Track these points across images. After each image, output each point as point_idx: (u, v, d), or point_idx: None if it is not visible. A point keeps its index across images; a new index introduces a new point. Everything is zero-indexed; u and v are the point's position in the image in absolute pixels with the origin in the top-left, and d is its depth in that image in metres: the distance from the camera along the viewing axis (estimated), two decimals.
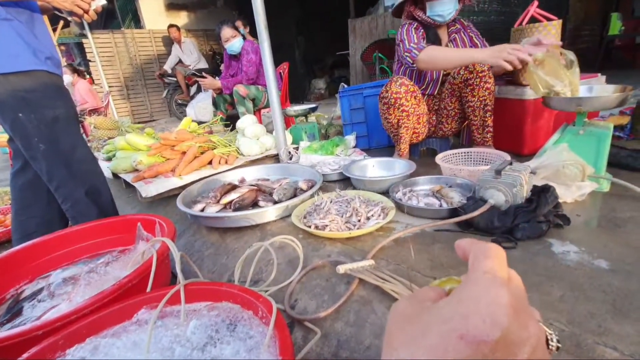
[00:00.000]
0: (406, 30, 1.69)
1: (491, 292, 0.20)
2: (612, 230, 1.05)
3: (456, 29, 1.75)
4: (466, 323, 0.19)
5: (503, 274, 0.22)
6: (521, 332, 0.19)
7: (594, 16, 6.06)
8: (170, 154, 1.87)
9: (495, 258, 0.23)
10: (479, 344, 0.18)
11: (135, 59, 5.76)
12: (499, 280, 0.21)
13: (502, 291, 0.20)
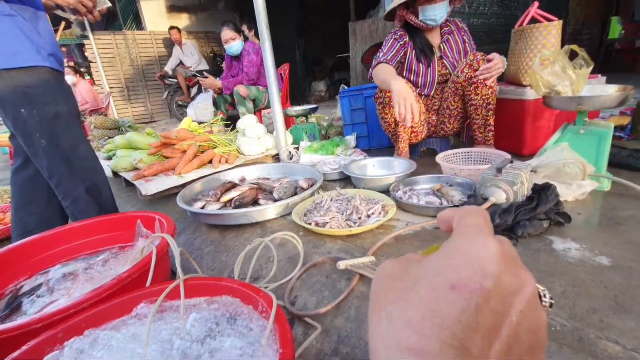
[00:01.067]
0: (389, 42, 1.76)
1: (479, 242, 0.20)
2: (613, 228, 1.04)
3: (449, 30, 1.75)
4: (457, 274, 0.18)
5: (489, 228, 0.22)
6: (514, 280, 0.19)
7: (593, 19, 6.09)
8: (171, 152, 1.87)
9: (479, 215, 0.22)
10: (472, 293, 0.17)
11: (136, 60, 5.78)
12: (486, 231, 0.21)
13: (490, 241, 0.20)
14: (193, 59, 5.15)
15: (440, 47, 1.76)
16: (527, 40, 1.62)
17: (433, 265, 0.20)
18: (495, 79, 1.60)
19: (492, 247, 0.19)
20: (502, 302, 0.18)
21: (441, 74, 1.77)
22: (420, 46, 1.74)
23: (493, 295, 0.17)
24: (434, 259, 0.20)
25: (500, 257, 0.19)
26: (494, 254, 0.19)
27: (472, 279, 0.18)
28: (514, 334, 0.17)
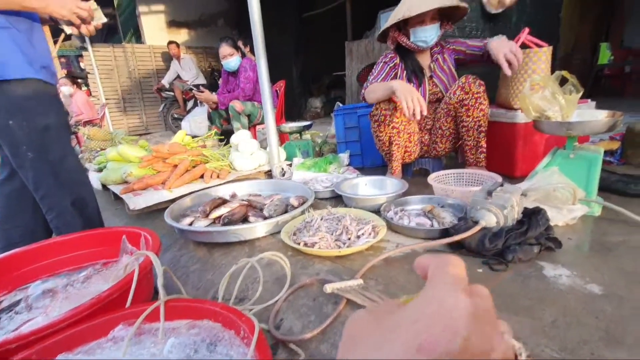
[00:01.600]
0: (380, 65, 1.80)
1: (451, 299, 0.19)
2: (604, 254, 1.03)
3: (438, 50, 1.79)
4: (425, 332, 0.17)
5: (464, 282, 0.21)
6: (483, 343, 0.18)
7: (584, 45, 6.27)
8: (162, 166, 1.85)
9: (455, 266, 0.22)
10: (439, 355, 0.17)
11: (134, 73, 5.82)
12: (460, 285, 0.20)
13: (463, 297, 0.19)
14: (191, 73, 5.20)
15: (431, 67, 1.79)
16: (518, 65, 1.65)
17: (403, 321, 0.19)
18: (488, 101, 1.62)
19: (464, 305, 0.18)
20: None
21: (432, 93, 1.80)
22: (412, 67, 1.77)
23: (460, 357, 0.17)
24: (403, 315, 0.19)
25: (471, 317, 0.18)
26: (465, 313, 0.18)
27: (440, 340, 0.17)
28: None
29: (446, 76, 1.78)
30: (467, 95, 1.60)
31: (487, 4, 2.93)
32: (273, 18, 5.86)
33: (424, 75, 1.78)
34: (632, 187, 1.40)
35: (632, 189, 1.40)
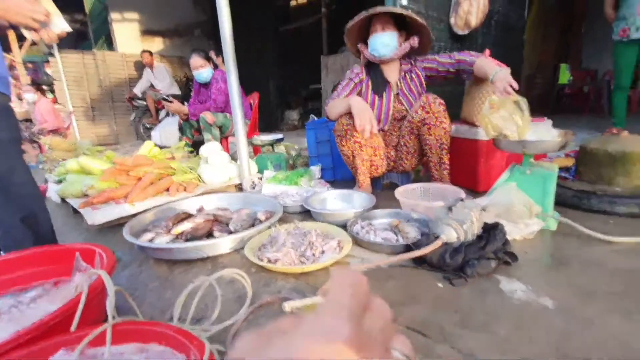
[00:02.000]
0: (344, 82, 1.85)
1: (330, 327, 0.18)
2: (557, 269, 1.07)
3: (408, 68, 1.82)
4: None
5: (357, 302, 0.20)
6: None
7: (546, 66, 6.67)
8: (126, 179, 1.78)
9: (350, 287, 0.21)
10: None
11: (104, 81, 5.65)
12: (345, 313, 0.19)
13: (343, 329, 0.18)
14: (164, 83, 5.10)
15: (398, 84, 1.83)
16: (479, 84, 1.72)
17: (281, 344, 0.18)
18: (449, 120, 1.66)
19: (340, 336, 0.18)
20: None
21: (397, 110, 1.84)
22: (375, 80, 1.80)
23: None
24: (284, 338, 0.18)
25: (347, 344, 0.18)
26: (340, 340, 0.18)
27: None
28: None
29: (413, 95, 1.82)
30: (428, 114, 1.64)
31: (455, 25, 3.07)
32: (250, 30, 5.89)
33: (391, 90, 1.82)
34: (585, 202, 1.48)
35: (585, 204, 1.47)
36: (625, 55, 2.94)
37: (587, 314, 0.86)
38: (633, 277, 1.00)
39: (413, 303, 0.94)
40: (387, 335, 0.20)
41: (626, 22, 2.86)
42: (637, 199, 1.39)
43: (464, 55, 1.70)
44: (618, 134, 1.56)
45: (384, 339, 0.20)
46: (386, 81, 1.81)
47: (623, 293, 0.93)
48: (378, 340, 0.20)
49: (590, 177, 1.60)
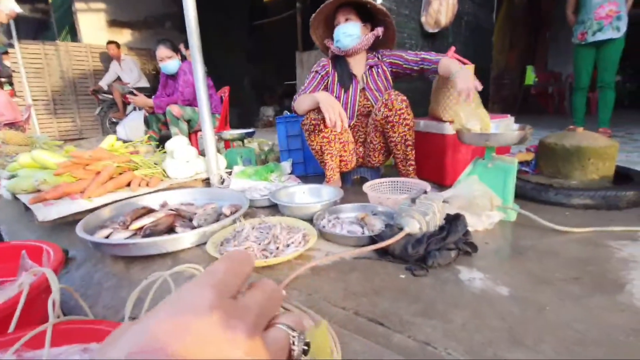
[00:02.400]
0: (311, 76, 1.84)
1: (189, 298, 0.17)
2: (515, 258, 1.10)
3: (374, 62, 1.83)
4: (145, 335, 0.15)
5: (225, 277, 0.19)
6: (221, 338, 0.16)
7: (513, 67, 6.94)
8: (83, 173, 1.68)
9: (227, 261, 0.21)
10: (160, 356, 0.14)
11: (67, 73, 5.34)
12: (210, 282, 0.18)
13: (204, 295, 0.17)
14: (132, 76, 4.89)
15: (363, 78, 1.82)
16: (445, 80, 1.75)
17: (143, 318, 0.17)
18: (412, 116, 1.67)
19: (202, 300, 0.17)
20: None
21: (363, 105, 1.84)
22: (341, 73, 1.80)
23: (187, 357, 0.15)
24: (136, 325, 0.17)
25: (208, 310, 0.17)
26: (201, 310, 0.16)
27: (155, 344, 0.15)
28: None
29: (379, 90, 1.82)
30: (391, 112, 1.64)
31: (425, 23, 3.12)
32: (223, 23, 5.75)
33: (357, 83, 1.82)
34: (544, 195, 1.53)
35: (543, 196, 1.53)
36: (583, 58, 3.09)
37: (541, 300, 0.88)
38: (585, 264, 1.04)
39: (374, 294, 0.93)
40: (268, 310, 0.20)
41: (584, 26, 3.01)
42: (591, 192, 1.46)
43: (430, 55, 1.72)
44: (574, 129, 1.63)
45: (263, 312, 0.19)
46: (352, 74, 1.80)
47: (575, 280, 0.96)
48: (253, 311, 0.18)
49: (548, 171, 1.67)
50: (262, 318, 0.19)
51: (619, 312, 0.83)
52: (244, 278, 0.20)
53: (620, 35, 2.87)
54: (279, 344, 0.19)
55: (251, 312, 0.18)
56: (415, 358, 0.71)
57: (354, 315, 0.85)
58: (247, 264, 0.21)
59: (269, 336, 0.19)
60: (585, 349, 0.72)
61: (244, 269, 0.21)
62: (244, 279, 0.20)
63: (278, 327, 0.20)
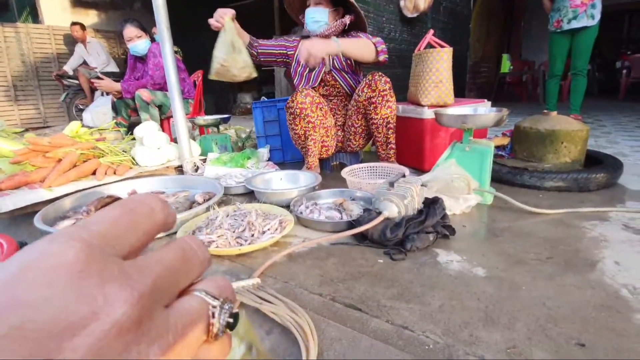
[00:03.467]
0: (282, 41, 1.85)
1: (45, 248, 0.12)
2: (491, 240, 1.11)
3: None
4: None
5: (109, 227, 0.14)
6: (79, 308, 0.11)
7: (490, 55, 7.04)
8: (42, 161, 1.57)
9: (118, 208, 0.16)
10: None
11: (29, 57, 4.99)
12: (72, 236, 0.13)
13: (67, 247, 0.12)
14: (100, 60, 4.62)
15: (329, 60, 1.79)
16: (424, 64, 1.73)
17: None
18: (394, 98, 1.65)
19: (57, 254, 0.12)
20: (30, 354, 0.10)
21: (331, 86, 1.82)
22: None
23: (7, 342, 0.10)
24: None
25: (66, 270, 0.12)
26: (53, 265, 0.12)
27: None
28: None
29: (347, 72, 1.80)
30: (374, 93, 1.62)
31: (404, 8, 3.08)
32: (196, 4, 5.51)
33: (323, 65, 1.78)
34: (519, 178, 1.55)
35: (518, 180, 1.55)
36: (558, 45, 3.15)
37: (515, 280, 0.88)
38: (557, 245, 1.06)
39: (351, 280, 0.91)
40: (180, 274, 0.15)
41: (560, 14, 3.06)
42: (563, 174, 1.49)
43: (371, 38, 1.71)
44: (548, 113, 1.65)
45: (170, 275, 0.15)
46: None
47: (548, 260, 0.98)
48: (153, 274, 0.14)
49: (523, 155, 1.69)
50: (166, 285, 0.14)
51: (590, 289, 0.84)
52: (145, 233, 0.15)
53: (595, 23, 2.94)
54: (192, 316, 0.14)
55: (147, 276, 0.14)
56: (393, 342, 0.69)
57: (331, 301, 0.83)
58: (154, 212, 0.16)
59: (176, 307, 0.14)
60: (557, 325, 0.72)
61: (147, 220, 0.15)
62: (145, 235, 0.15)
63: (194, 294, 0.15)
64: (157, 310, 0.13)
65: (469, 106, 1.71)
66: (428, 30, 1.85)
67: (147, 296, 0.13)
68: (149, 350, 0.12)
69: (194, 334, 0.14)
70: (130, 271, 0.13)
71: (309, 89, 1.63)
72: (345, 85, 1.79)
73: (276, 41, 1.84)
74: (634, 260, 0.96)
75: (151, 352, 0.12)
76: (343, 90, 1.82)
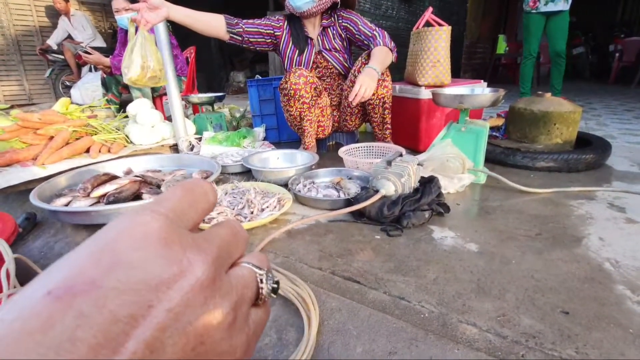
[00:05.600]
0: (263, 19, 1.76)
1: (127, 221, 0.15)
2: (483, 217, 1.14)
3: (329, 23, 1.74)
4: (69, 271, 0.13)
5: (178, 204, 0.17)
6: (166, 269, 0.14)
7: (486, 37, 6.98)
8: (33, 138, 1.54)
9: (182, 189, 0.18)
10: (74, 296, 0.12)
11: (9, 30, 4.77)
12: (157, 209, 0.16)
13: (147, 216, 0.15)
14: (85, 34, 4.44)
15: (318, 40, 1.76)
16: (422, 42, 1.72)
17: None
18: (390, 78, 1.65)
19: (145, 224, 0.14)
20: (134, 302, 0.12)
21: (324, 67, 1.79)
22: (296, 35, 1.73)
23: (115, 293, 0.12)
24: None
25: (154, 237, 0.14)
26: (144, 233, 0.14)
27: (82, 277, 0.12)
28: (153, 341, 0.12)
29: (338, 52, 1.76)
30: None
31: None
32: None
33: (313, 46, 1.75)
34: (511, 158, 1.59)
35: (511, 160, 1.58)
36: (535, 24, 3.14)
37: (506, 254, 0.92)
38: (546, 222, 1.10)
39: (349, 255, 0.94)
40: (232, 247, 0.18)
41: None
42: (554, 155, 1.52)
43: (381, 36, 1.65)
44: (543, 95, 1.67)
45: (226, 248, 0.17)
46: (307, 37, 1.74)
47: (537, 236, 1.02)
48: (215, 245, 0.16)
49: (516, 136, 1.72)
50: (225, 254, 0.17)
51: (576, 262, 0.89)
52: (202, 211, 0.18)
53: (568, 8, 2.96)
54: (245, 280, 0.17)
55: (213, 245, 0.16)
56: (390, 311, 0.73)
57: (330, 274, 0.86)
58: (207, 194, 0.18)
59: (232, 274, 0.17)
60: (543, 295, 0.76)
61: (203, 199, 0.18)
62: (202, 212, 0.18)
63: (242, 265, 0.18)
64: (222, 274, 0.16)
65: (466, 87, 1.72)
66: (425, 7, 1.82)
67: (215, 260, 0.15)
68: (222, 303, 0.15)
69: (248, 295, 0.17)
70: (200, 241, 0.15)
71: (302, 69, 1.61)
72: (338, 64, 1.77)
73: (261, 20, 1.75)
74: (617, 236, 1.01)
75: (223, 305, 0.15)
76: (336, 70, 1.80)
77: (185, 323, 0.13)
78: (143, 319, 0.12)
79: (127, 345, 0.12)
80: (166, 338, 0.12)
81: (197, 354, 0.13)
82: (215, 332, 0.14)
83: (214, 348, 0.14)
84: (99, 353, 0.11)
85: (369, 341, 0.68)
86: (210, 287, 0.14)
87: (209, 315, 0.14)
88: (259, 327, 0.18)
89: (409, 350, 0.66)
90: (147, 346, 0.12)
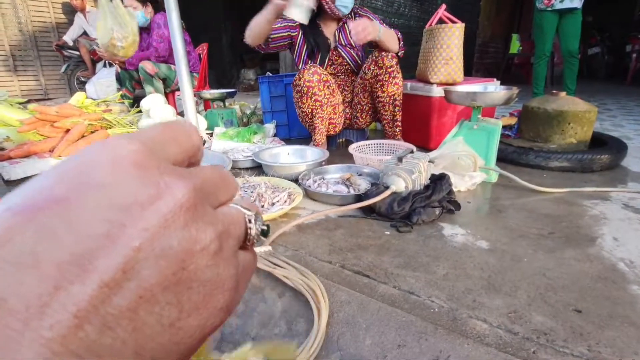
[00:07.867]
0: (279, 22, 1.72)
1: (106, 144, 0.13)
2: (495, 215, 1.14)
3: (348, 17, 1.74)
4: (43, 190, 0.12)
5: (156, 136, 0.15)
6: (143, 190, 0.13)
7: (499, 35, 6.88)
8: (50, 131, 1.58)
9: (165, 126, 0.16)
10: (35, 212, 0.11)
11: (26, 26, 4.87)
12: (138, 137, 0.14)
13: (126, 140, 0.14)
14: None
15: (335, 35, 1.75)
16: (434, 40, 1.71)
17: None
18: (401, 75, 1.64)
19: (119, 147, 0.13)
20: (106, 220, 0.12)
21: (339, 64, 1.78)
22: (313, 42, 1.72)
23: (84, 211, 0.11)
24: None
25: (129, 160, 0.13)
26: (118, 156, 0.13)
27: (48, 194, 0.11)
28: (127, 261, 0.11)
29: (353, 48, 1.76)
30: (381, 70, 1.60)
31: None
32: None
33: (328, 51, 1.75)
34: (524, 158, 1.57)
35: (523, 159, 1.57)
36: (549, 23, 3.07)
37: (517, 252, 0.92)
38: (559, 221, 1.09)
39: (359, 249, 0.94)
40: (218, 188, 0.16)
41: None
42: (568, 155, 1.50)
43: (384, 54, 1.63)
44: (557, 94, 1.64)
45: (212, 184, 0.16)
46: (325, 37, 1.74)
47: (549, 234, 1.01)
48: (199, 178, 0.15)
49: (529, 135, 1.70)
50: (211, 189, 0.15)
51: (588, 262, 0.88)
52: (185, 149, 0.16)
53: (580, 5, 2.90)
54: (233, 217, 0.16)
55: (196, 177, 0.15)
56: (400, 305, 0.73)
57: (340, 268, 0.87)
58: (190, 134, 0.17)
59: (219, 210, 0.15)
60: (555, 293, 0.76)
61: (184, 136, 0.16)
62: (184, 150, 0.16)
63: (230, 205, 0.17)
64: (206, 205, 0.15)
65: (479, 84, 1.71)
66: (440, 6, 1.81)
67: (198, 189, 0.14)
68: (206, 229, 0.14)
69: (235, 232, 0.16)
70: (180, 170, 0.14)
71: (316, 66, 1.61)
72: (351, 60, 1.77)
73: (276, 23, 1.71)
74: (632, 236, 0.99)
75: (207, 231, 0.14)
76: (349, 67, 1.80)
77: (164, 245, 0.12)
78: (116, 238, 0.11)
79: (96, 264, 0.11)
80: (141, 259, 0.12)
81: (179, 279, 0.12)
82: (199, 257, 0.13)
83: (198, 276, 0.13)
84: (65, 270, 0.10)
85: (378, 334, 0.69)
86: (192, 211, 0.13)
87: (191, 239, 0.13)
88: (247, 269, 0.17)
89: (418, 344, 0.66)
90: (120, 266, 0.11)
